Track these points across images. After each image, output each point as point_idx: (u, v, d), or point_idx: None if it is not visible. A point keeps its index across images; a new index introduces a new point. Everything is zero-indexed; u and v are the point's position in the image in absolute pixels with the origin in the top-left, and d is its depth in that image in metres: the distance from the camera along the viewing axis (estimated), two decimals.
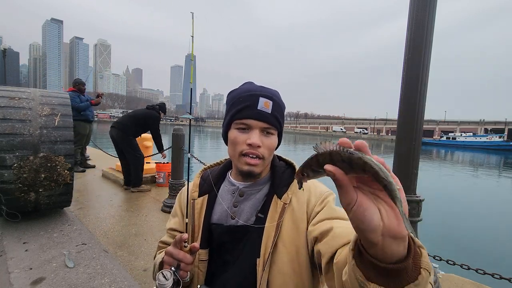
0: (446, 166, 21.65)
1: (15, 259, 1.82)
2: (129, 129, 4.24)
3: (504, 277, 1.72)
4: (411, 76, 1.73)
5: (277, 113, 0.71)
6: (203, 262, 0.75)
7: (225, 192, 0.79)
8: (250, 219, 0.73)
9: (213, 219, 0.77)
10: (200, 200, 0.80)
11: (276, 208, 0.71)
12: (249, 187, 0.76)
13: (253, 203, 0.75)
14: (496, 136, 46.96)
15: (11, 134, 2.20)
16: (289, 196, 0.72)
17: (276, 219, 0.69)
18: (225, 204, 0.77)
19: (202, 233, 0.76)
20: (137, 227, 2.98)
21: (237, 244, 0.73)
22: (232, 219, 0.75)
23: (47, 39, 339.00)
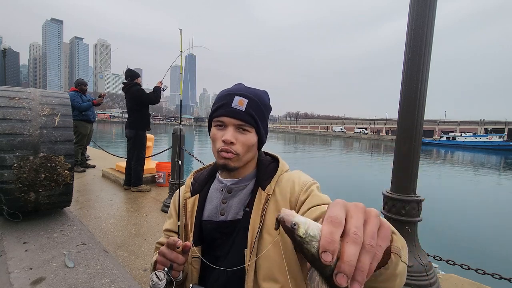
0: (446, 166, 21.65)
1: (15, 259, 1.82)
2: (138, 123, 4.19)
3: (504, 277, 1.73)
4: (411, 76, 1.74)
5: (253, 111, 0.73)
6: (196, 259, 0.77)
7: (215, 190, 0.83)
8: (238, 214, 0.76)
9: (204, 216, 0.80)
10: (192, 199, 0.83)
11: (260, 200, 0.74)
12: (236, 184, 0.79)
13: (240, 199, 0.78)
14: (496, 136, 46.96)
15: (11, 134, 2.20)
16: (272, 187, 0.75)
17: (260, 209, 0.72)
18: (214, 201, 0.80)
19: (194, 230, 0.79)
20: (137, 227, 2.98)
21: (227, 239, 0.76)
22: (221, 215, 0.78)
23: (47, 39, 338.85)
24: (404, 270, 0.45)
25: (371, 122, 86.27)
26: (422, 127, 1.78)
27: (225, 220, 0.77)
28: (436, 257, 2.01)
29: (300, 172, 0.80)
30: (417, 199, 1.77)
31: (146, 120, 4.32)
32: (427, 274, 1.71)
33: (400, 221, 1.76)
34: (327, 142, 51.42)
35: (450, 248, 5.80)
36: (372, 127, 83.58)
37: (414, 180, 1.79)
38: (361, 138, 71.21)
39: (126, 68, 4.36)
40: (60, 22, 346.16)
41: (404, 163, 1.79)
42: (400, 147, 1.81)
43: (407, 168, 1.78)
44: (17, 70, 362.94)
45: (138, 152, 4.25)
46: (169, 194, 3.64)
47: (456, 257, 1.97)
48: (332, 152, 30.25)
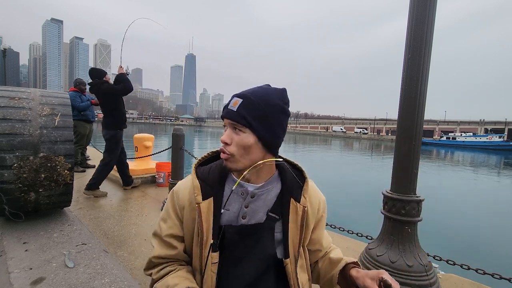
0: (446, 166, 21.65)
1: (15, 259, 1.82)
2: (116, 122, 3.92)
3: (504, 277, 1.73)
4: (411, 76, 1.73)
5: (245, 110, 0.72)
6: (214, 264, 0.76)
7: (233, 194, 0.80)
8: (262, 217, 0.78)
9: (222, 220, 0.78)
10: (205, 203, 0.77)
11: (297, 211, 0.78)
12: (259, 189, 0.79)
13: (264, 203, 0.79)
14: (496, 136, 46.95)
15: (11, 134, 2.20)
16: (306, 199, 0.80)
17: (299, 222, 0.78)
18: (235, 206, 0.79)
19: (213, 236, 0.76)
20: (137, 227, 2.98)
21: (247, 241, 0.77)
22: (243, 219, 0.78)
23: (47, 39, 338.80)
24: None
25: (371, 122, 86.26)
26: (422, 127, 1.78)
27: (246, 224, 0.77)
28: (436, 257, 2.01)
29: (316, 187, 0.87)
30: (417, 199, 1.77)
31: (123, 118, 4.04)
32: (427, 274, 1.71)
33: (400, 221, 1.76)
34: (327, 142, 51.43)
35: (450, 248, 5.80)
36: (372, 127, 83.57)
37: (414, 180, 1.79)
38: (361, 138, 71.23)
39: (89, 68, 4.12)
40: (60, 22, 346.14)
41: (404, 163, 1.79)
42: (400, 147, 1.81)
43: (407, 168, 1.78)
44: (17, 70, 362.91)
45: (111, 154, 3.91)
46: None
47: (456, 257, 1.97)
48: (332, 152, 30.25)
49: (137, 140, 5.18)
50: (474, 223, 7.79)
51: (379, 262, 1.76)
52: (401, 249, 1.75)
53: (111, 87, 3.91)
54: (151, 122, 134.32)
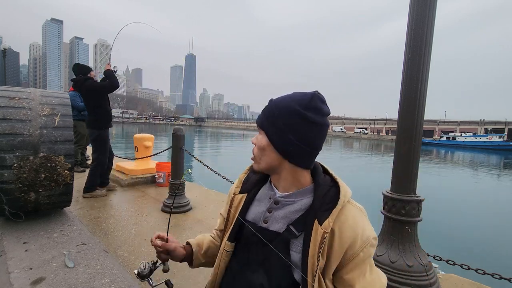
0: (446, 166, 21.64)
1: (15, 259, 1.82)
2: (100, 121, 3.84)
3: (504, 277, 1.73)
4: (411, 76, 1.74)
5: (263, 112, 0.75)
6: (227, 253, 0.83)
7: (264, 195, 0.82)
8: (281, 227, 0.75)
9: (248, 217, 0.82)
10: (239, 196, 0.85)
11: (316, 235, 0.68)
12: (284, 197, 0.77)
13: (285, 214, 0.75)
14: (496, 136, 46.95)
15: (11, 134, 2.20)
16: (330, 224, 0.67)
17: (317, 248, 0.67)
18: (262, 207, 0.81)
19: (233, 227, 0.82)
20: (137, 227, 2.98)
21: (263, 247, 0.75)
22: (264, 223, 0.78)
23: (47, 39, 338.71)
24: None
25: (371, 122, 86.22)
26: (422, 127, 1.78)
27: (266, 229, 0.77)
28: (436, 257, 2.01)
29: (364, 217, 0.72)
30: (417, 199, 1.77)
31: (108, 116, 3.94)
32: (427, 274, 1.71)
33: (400, 221, 1.76)
34: (327, 142, 51.46)
35: (450, 248, 5.80)
36: (372, 127, 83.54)
37: (414, 180, 1.79)
38: (361, 138, 71.21)
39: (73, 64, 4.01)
40: (60, 22, 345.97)
41: (404, 163, 1.79)
42: (400, 147, 1.81)
43: (407, 168, 1.78)
44: (17, 70, 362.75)
45: (99, 155, 3.86)
46: (169, 194, 3.64)
47: (456, 257, 1.97)
48: (332, 152, 30.23)
49: (137, 140, 5.19)
50: (474, 223, 7.79)
51: (379, 262, 1.76)
52: (401, 249, 1.75)
53: (95, 83, 3.81)
54: (151, 122, 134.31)
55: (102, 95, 3.86)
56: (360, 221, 0.70)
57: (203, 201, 4.01)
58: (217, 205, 3.89)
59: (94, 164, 3.85)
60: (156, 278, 0.93)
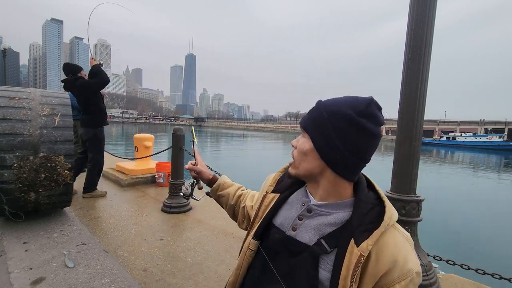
0: (446, 166, 21.64)
1: (15, 259, 1.82)
2: (96, 119, 3.82)
3: (504, 277, 1.72)
4: (411, 76, 1.74)
5: (308, 115, 0.69)
6: (251, 252, 0.78)
7: (296, 200, 0.76)
8: (311, 240, 0.67)
9: (276, 221, 0.76)
10: (271, 196, 0.81)
11: (351, 257, 0.61)
12: (319, 207, 0.69)
13: (318, 225, 0.68)
14: (496, 136, 46.96)
15: (11, 134, 2.20)
16: (368, 247, 0.60)
17: (351, 270, 0.60)
18: (292, 212, 0.74)
19: (260, 226, 0.78)
20: (137, 227, 2.98)
21: (290, 257, 0.69)
22: (292, 230, 0.71)
23: (47, 39, 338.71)
24: None
25: None
26: (422, 127, 1.78)
27: (294, 238, 0.70)
28: (436, 257, 2.01)
29: (408, 245, 0.64)
30: (417, 199, 1.77)
31: (103, 114, 3.91)
32: (427, 274, 1.71)
33: (400, 221, 1.76)
34: None
35: (450, 248, 5.80)
36: None
37: (414, 180, 1.79)
38: None
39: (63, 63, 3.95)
40: (60, 22, 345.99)
41: (404, 163, 1.79)
42: (400, 147, 1.81)
43: (407, 168, 1.78)
44: (17, 70, 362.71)
45: (95, 154, 3.83)
46: (169, 194, 3.64)
47: (456, 257, 1.97)
48: None
49: (137, 140, 5.19)
50: (474, 223, 7.79)
51: None
52: None
53: (86, 81, 3.77)
54: (151, 122, 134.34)
55: (95, 92, 3.81)
56: (403, 249, 0.62)
57: (203, 201, 3.99)
58: (217, 205, 3.88)
59: (91, 164, 3.84)
60: None
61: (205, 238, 2.81)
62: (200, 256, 2.44)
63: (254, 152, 25.67)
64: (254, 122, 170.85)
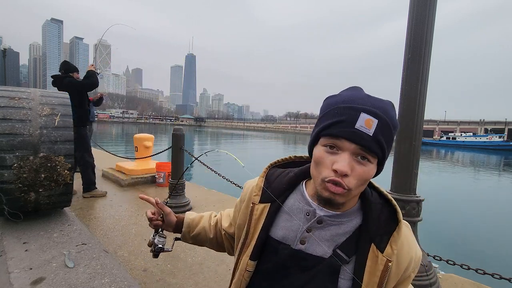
0: (446, 166, 21.65)
1: (15, 259, 1.82)
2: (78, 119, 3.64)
3: (504, 277, 1.72)
4: (411, 76, 1.74)
5: (382, 136, 0.56)
6: (248, 272, 0.70)
7: (296, 209, 0.68)
8: (325, 252, 0.63)
9: (276, 234, 0.68)
10: (260, 207, 0.70)
11: (377, 265, 0.59)
12: (332, 218, 0.63)
13: (332, 235, 0.63)
14: (496, 136, 46.96)
15: (11, 134, 2.20)
16: (394, 251, 0.59)
17: (377, 278, 0.59)
18: (295, 224, 0.67)
19: (257, 244, 0.68)
20: (137, 227, 2.98)
21: (301, 272, 0.64)
22: (301, 244, 0.64)
23: (47, 39, 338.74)
24: None
25: None
26: (422, 127, 1.79)
27: (304, 252, 0.64)
28: (436, 257, 2.01)
29: (412, 234, 0.65)
30: (417, 199, 1.77)
31: (86, 114, 3.88)
32: (427, 274, 1.71)
33: None
34: None
35: (450, 248, 5.80)
36: None
37: (414, 180, 1.79)
38: None
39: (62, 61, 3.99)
40: (60, 22, 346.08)
41: (404, 163, 1.79)
42: (400, 147, 1.81)
43: (407, 168, 1.78)
44: (17, 70, 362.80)
45: (84, 153, 3.82)
46: (169, 194, 3.64)
47: (456, 257, 1.97)
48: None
49: (137, 140, 5.19)
50: (474, 223, 7.79)
51: None
52: None
53: (73, 80, 3.78)
54: (151, 122, 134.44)
55: (81, 92, 3.81)
56: (412, 241, 0.63)
57: (203, 201, 4.01)
58: (217, 205, 3.89)
59: (82, 164, 3.85)
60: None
61: None
62: (200, 256, 2.44)
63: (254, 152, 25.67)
64: (254, 122, 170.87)
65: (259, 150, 27.62)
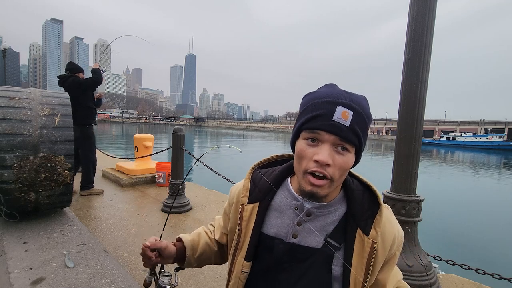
0: (446, 166, 21.65)
1: (15, 259, 1.82)
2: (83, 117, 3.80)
3: (504, 277, 1.72)
4: (411, 76, 1.74)
5: (357, 127, 0.59)
6: (244, 273, 0.71)
7: (285, 205, 0.70)
8: (317, 242, 0.66)
9: (269, 231, 0.70)
10: (249, 207, 0.71)
11: (364, 247, 0.63)
12: (319, 209, 0.67)
13: (321, 226, 0.67)
14: (496, 136, 46.97)
15: (11, 134, 2.20)
16: (378, 233, 0.63)
17: (365, 259, 0.63)
18: (285, 219, 0.69)
19: (250, 244, 0.70)
20: (137, 227, 2.98)
21: (296, 264, 0.66)
22: (293, 238, 0.67)
23: (47, 39, 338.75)
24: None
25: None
26: (422, 127, 1.79)
27: (298, 244, 0.67)
28: (436, 257, 2.01)
29: (392, 214, 0.70)
30: (417, 199, 1.77)
31: (90, 113, 3.94)
32: (427, 274, 1.71)
33: (400, 221, 1.76)
34: None
35: (450, 248, 5.80)
36: (372, 127, 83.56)
37: (414, 180, 1.79)
38: None
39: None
40: (60, 22, 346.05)
41: (404, 163, 1.79)
42: (400, 147, 1.81)
43: (407, 168, 1.78)
44: (17, 70, 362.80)
45: (87, 152, 3.89)
46: (169, 194, 3.64)
47: (456, 257, 1.97)
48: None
49: (137, 140, 5.19)
50: (474, 223, 7.79)
51: None
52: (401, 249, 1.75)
53: (77, 79, 3.82)
54: (151, 122, 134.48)
55: (85, 92, 3.86)
56: (393, 221, 0.68)
57: (203, 201, 4.01)
58: (217, 205, 3.89)
59: (84, 162, 3.91)
60: None
61: None
62: None
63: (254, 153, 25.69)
64: (254, 122, 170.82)
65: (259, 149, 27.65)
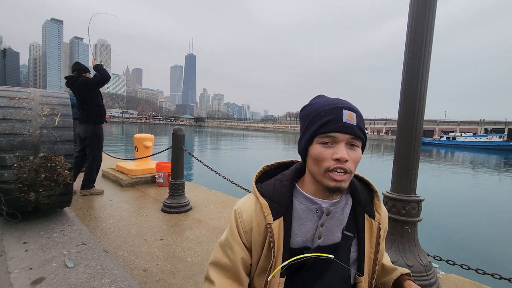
0: (446, 166, 21.64)
1: (15, 259, 1.82)
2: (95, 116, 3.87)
3: (504, 277, 1.72)
4: (411, 76, 1.73)
5: (361, 124, 0.70)
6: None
7: (304, 211, 0.73)
8: (337, 237, 0.74)
9: (296, 242, 0.73)
10: (276, 223, 0.71)
11: (372, 228, 0.76)
12: (334, 206, 0.73)
13: (339, 221, 0.74)
14: (496, 136, 46.96)
15: (11, 134, 2.20)
16: (381, 215, 0.78)
17: (374, 239, 0.76)
18: (308, 225, 0.73)
19: (283, 260, 0.70)
20: (137, 227, 2.98)
21: (321, 263, 0.71)
22: (318, 239, 0.72)
23: (47, 39, 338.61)
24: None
25: (371, 122, 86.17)
26: (422, 127, 1.78)
27: (324, 245, 0.72)
28: (436, 257, 2.01)
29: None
30: (417, 199, 1.77)
31: (101, 111, 3.98)
32: (427, 274, 1.71)
33: (400, 221, 1.76)
34: None
35: (450, 248, 5.80)
36: (372, 127, 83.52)
37: (414, 180, 1.79)
38: None
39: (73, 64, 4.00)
40: (60, 22, 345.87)
41: (404, 163, 1.79)
42: (400, 147, 1.81)
43: (407, 168, 1.78)
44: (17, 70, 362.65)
45: (96, 151, 3.90)
46: (169, 194, 3.64)
47: (456, 257, 1.97)
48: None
49: (137, 140, 5.19)
50: (474, 223, 7.79)
51: None
52: (401, 249, 1.75)
53: (86, 79, 3.84)
54: (151, 122, 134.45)
55: (94, 91, 3.88)
56: (382, 202, 0.81)
57: (203, 201, 4.01)
58: (217, 205, 3.89)
59: (90, 160, 3.90)
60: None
61: (205, 238, 2.81)
62: (200, 256, 2.44)
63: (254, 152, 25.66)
64: (254, 122, 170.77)
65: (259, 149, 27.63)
